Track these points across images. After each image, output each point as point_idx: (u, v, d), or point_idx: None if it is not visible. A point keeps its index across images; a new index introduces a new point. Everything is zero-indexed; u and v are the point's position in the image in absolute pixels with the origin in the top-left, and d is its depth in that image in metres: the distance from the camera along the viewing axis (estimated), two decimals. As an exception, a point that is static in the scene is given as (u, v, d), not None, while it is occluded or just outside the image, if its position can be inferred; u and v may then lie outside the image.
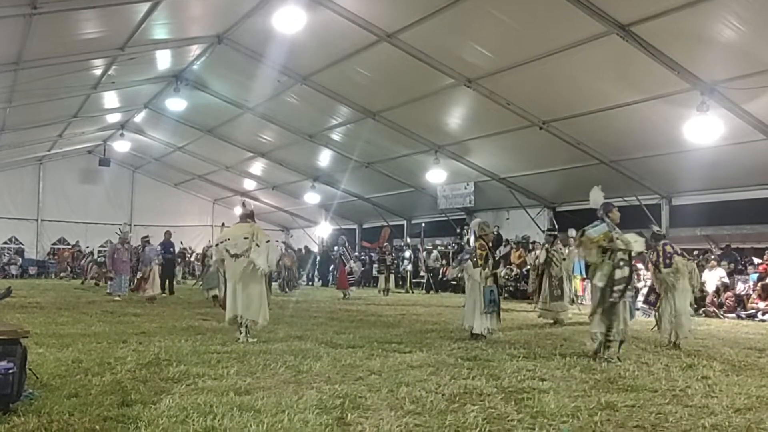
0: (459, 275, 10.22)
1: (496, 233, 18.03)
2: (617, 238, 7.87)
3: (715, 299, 15.61)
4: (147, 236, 18.49)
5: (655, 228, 10.87)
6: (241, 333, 8.93)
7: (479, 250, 9.82)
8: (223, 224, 16.80)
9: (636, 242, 8.13)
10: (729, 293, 15.61)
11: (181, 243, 27.38)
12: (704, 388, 6.04)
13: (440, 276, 24.74)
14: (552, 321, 12.50)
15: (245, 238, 9.04)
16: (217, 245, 9.57)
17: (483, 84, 15.14)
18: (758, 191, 16.15)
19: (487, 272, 9.64)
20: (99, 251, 27.43)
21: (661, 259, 9.69)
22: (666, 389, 5.98)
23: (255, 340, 8.84)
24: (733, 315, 14.92)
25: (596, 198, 8.46)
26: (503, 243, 22.00)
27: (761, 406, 5.41)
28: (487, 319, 9.55)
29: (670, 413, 5.08)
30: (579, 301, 16.25)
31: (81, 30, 13.39)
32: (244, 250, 8.94)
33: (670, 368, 7.12)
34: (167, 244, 20.33)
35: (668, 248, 9.75)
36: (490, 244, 10.19)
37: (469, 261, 9.81)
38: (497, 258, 9.79)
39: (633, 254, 8.14)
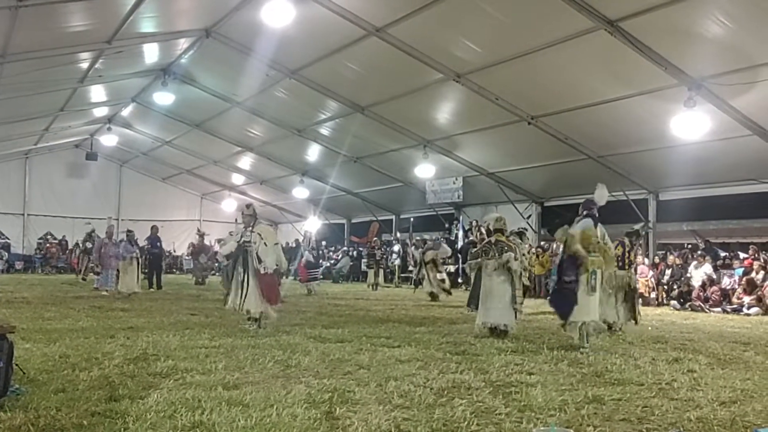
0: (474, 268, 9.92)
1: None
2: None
3: (701, 294, 15.74)
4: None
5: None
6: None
7: (512, 243, 9.82)
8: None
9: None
10: (714, 288, 15.74)
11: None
12: (690, 382, 6.09)
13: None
14: None
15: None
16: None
17: (472, 79, 15.15)
18: (744, 186, 16.30)
19: (525, 264, 9.65)
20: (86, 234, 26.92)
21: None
22: (652, 383, 6.02)
23: None
24: (719, 309, 15.05)
25: (603, 194, 8.77)
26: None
27: (746, 399, 5.47)
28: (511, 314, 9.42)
29: (656, 406, 5.12)
30: None
31: (67, 23, 13.28)
32: None
33: (656, 362, 7.18)
34: (154, 239, 20.24)
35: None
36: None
37: (511, 253, 9.57)
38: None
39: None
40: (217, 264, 20.27)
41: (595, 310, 8.35)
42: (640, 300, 14.66)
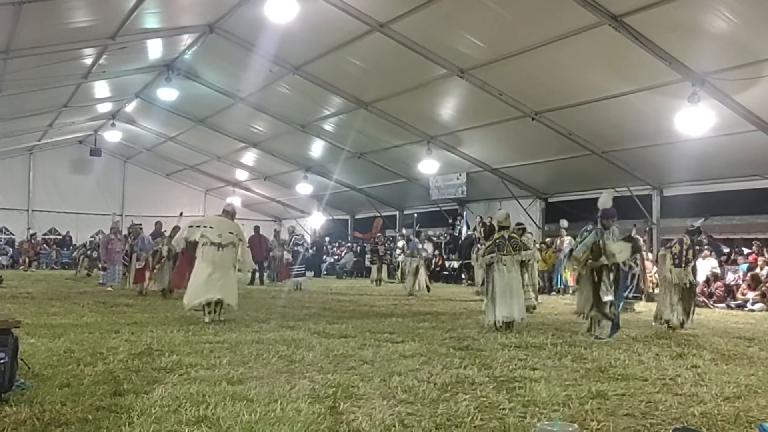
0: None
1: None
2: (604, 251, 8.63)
3: (705, 289, 15.70)
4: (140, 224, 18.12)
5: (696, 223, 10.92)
6: (209, 314, 9.86)
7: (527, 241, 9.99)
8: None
9: (620, 253, 8.72)
10: (719, 283, 15.72)
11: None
12: (694, 377, 6.09)
13: (433, 266, 24.76)
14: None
15: (230, 233, 10.20)
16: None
17: (475, 74, 15.13)
18: (748, 182, 16.25)
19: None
20: (90, 242, 27.20)
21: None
22: (656, 378, 6.02)
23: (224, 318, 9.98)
24: (723, 305, 15.03)
25: (605, 201, 8.85)
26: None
27: (749, 394, 5.46)
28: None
29: (660, 402, 5.12)
30: (570, 292, 16.64)
31: (71, 18, 13.31)
32: (228, 242, 10.09)
33: (660, 357, 7.18)
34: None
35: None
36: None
37: (531, 251, 9.71)
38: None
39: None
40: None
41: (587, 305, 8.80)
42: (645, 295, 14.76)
